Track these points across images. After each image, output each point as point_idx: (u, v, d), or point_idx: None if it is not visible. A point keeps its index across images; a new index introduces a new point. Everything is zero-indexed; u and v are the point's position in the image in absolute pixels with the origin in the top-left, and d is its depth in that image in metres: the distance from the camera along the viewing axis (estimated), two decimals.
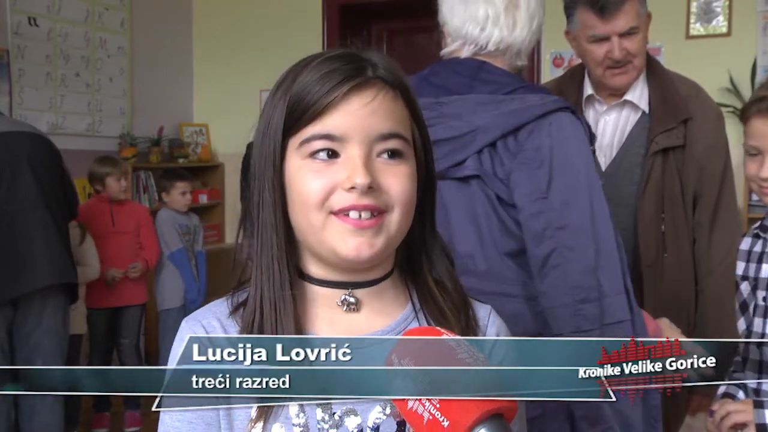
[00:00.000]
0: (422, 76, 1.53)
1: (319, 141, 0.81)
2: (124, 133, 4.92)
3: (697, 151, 1.87)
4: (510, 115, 1.39)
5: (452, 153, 1.41)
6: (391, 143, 0.83)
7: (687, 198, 1.89)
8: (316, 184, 0.81)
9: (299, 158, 0.82)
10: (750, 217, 4.22)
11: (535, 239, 1.38)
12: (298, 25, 5.27)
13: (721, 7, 4.40)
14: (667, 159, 1.88)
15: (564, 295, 1.36)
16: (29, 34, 4.29)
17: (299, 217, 0.83)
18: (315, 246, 0.84)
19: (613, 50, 1.86)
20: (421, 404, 0.61)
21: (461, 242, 1.41)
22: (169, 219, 4.12)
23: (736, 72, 4.32)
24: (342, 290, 0.86)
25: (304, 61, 0.85)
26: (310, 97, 0.81)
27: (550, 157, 1.38)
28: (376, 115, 0.81)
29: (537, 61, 4.67)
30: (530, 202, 1.37)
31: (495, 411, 0.59)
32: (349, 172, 0.80)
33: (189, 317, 0.88)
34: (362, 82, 0.81)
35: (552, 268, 1.37)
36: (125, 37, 4.99)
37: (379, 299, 0.88)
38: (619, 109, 1.97)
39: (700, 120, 1.88)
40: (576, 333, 1.36)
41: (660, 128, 1.87)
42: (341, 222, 0.81)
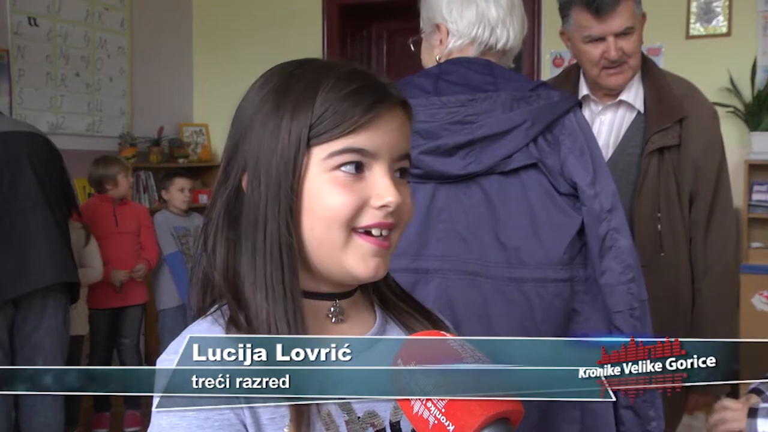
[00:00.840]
0: (434, 75, 1.53)
1: (352, 154, 0.80)
2: (124, 133, 4.91)
3: (693, 150, 1.88)
4: (546, 109, 1.45)
5: (499, 148, 1.45)
6: (405, 162, 0.85)
7: (683, 197, 1.90)
8: (345, 200, 0.80)
9: (323, 170, 0.80)
10: (750, 217, 4.22)
11: (597, 220, 1.45)
12: (298, 25, 5.27)
13: (721, 7, 4.40)
14: (663, 158, 1.89)
15: (620, 273, 1.44)
16: (29, 34, 4.29)
17: (317, 231, 0.81)
18: (327, 263, 0.82)
19: (609, 50, 1.87)
20: (426, 409, 0.61)
21: (512, 236, 1.44)
22: (165, 222, 4.13)
23: (736, 72, 4.32)
24: (329, 302, 0.86)
25: (316, 70, 0.83)
26: (345, 111, 0.80)
27: (587, 147, 1.46)
28: (401, 136, 0.84)
29: (537, 61, 4.67)
30: (588, 186, 1.45)
31: (500, 415, 0.59)
32: (380, 191, 0.80)
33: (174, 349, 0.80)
34: (394, 103, 0.83)
35: (608, 249, 1.44)
36: (125, 37, 4.99)
37: (356, 308, 0.89)
38: (614, 109, 1.98)
39: (695, 119, 1.89)
40: (629, 310, 1.44)
41: (655, 128, 1.88)
42: (363, 242, 0.81)
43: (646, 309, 1.46)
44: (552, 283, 1.43)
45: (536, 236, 1.44)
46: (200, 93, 5.64)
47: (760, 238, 4.31)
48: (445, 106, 1.47)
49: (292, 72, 0.85)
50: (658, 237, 1.89)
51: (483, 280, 1.44)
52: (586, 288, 1.47)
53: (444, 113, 1.46)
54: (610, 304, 1.44)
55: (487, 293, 1.44)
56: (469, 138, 1.44)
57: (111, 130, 4.86)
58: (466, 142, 1.44)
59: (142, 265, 3.90)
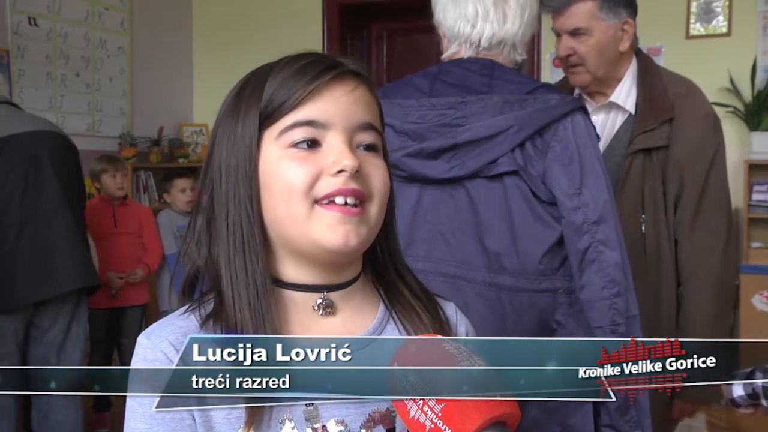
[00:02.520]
0: (432, 74, 1.53)
1: (301, 128, 0.79)
2: (124, 133, 4.91)
3: (679, 151, 1.86)
4: (536, 114, 1.42)
5: (484, 152, 1.43)
6: (370, 135, 0.82)
7: (669, 199, 1.87)
8: (300, 171, 0.78)
9: (278, 149, 0.80)
10: (750, 217, 4.21)
11: (576, 233, 1.41)
12: (298, 25, 5.27)
13: (721, 7, 4.40)
14: (650, 159, 1.86)
15: (601, 289, 1.40)
16: (29, 34, 4.29)
17: (280, 209, 0.79)
18: (297, 239, 0.80)
19: (558, 47, 1.88)
20: (422, 413, 0.61)
21: (493, 241, 1.43)
22: (167, 222, 4.11)
23: (736, 72, 4.32)
24: (316, 294, 0.83)
25: (269, 64, 0.85)
26: (290, 86, 0.80)
27: (578, 154, 1.42)
28: (358, 105, 0.81)
29: (537, 61, 4.67)
30: (569, 197, 1.41)
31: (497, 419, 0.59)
32: (335, 157, 0.78)
33: (148, 332, 0.82)
34: (343, 71, 0.81)
35: (590, 263, 1.41)
36: (125, 37, 4.99)
37: (352, 302, 0.86)
38: (606, 110, 1.97)
39: (685, 120, 1.86)
40: (611, 326, 1.40)
41: (641, 128, 1.86)
42: (327, 211, 0.78)
43: (634, 324, 1.42)
44: (526, 293, 1.41)
45: (514, 244, 1.43)
46: (200, 93, 5.64)
47: (760, 238, 4.31)
48: (434, 108, 1.46)
49: (254, 71, 0.86)
50: (642, 238, 1.86)
51: (464, 284, 1.44)
52: (571, 300, 1.44)
53: (433, 115, 1.45)
54: (590, 319, 1.41)
55: (467, 297, 1.43)
56: (452, 142, 1.43)
57: (111, 130, 4.86)
58: (449, 146, 1.43)
59: (140, 269, 3.88)
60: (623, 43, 1.90)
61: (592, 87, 1.94)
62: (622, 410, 1.42)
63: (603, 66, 1.89)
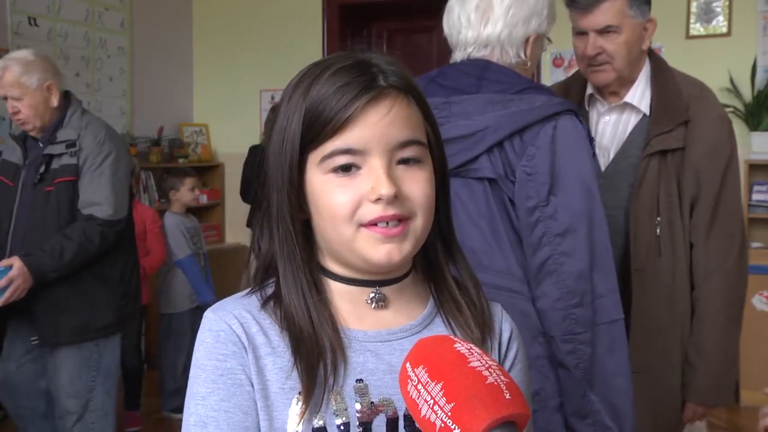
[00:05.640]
0: (430, 77, 1.56)
1: (340, 156, 0.81)
2: (124, 133, 4.91)
3: (695, 153, 1.84)
4: (518, 114, 1.41)
5: (462, 152, 1.43)
6: (410, 151, 0.84)
7: (684, 201, 1.86)
8: (342, 199, 0.82)
9: (321, 173, 0.83)
10: (750, 217, 4.22)
11: (531, 247, 1.41)
12: (298, 25, 5.27)
13: (721, 7, 4.40)
14: (665, 161, 1.85)
15: (557, 300, 1.39)
16: (29, 34, 4.29)
17: (329, 231, 0.84)
18: (345, 255, 0.85)
19: (587, 46, 1.87)
20: (433, 412, 0.61)
21: (469, 238, 1.43)
22: (177, 224, 4.05)
23: (736, 72, 4.32)
24: (368, 288, 0.88)
25: (314, 71, 0.85)
26: (327, 112, 0.81)
27: (551, 162, 1.39)
28: (394, 125, 0.82)
29: None
30: (527, 212, 1.40)
31: (506, 419, 0.59)
32: (373, 184, 0.81)
33: (215, 308, 0.87)
34: (378, 93, 0.82)
35: (547, 274, 1.40)
36: (125, 37, 4.99)
37: (403, 296, 0.90)
38: (619, 111, 1.96)
39: (700, 122, 1.86)
40: (564, 336, 1.39)
41: (657, 130, 1.85)
42: (370, 232, 0.82)
43: (601, 333, 1.40)
44: (507, 292, 1.41)
45: (493, 243, 1.43)
46: (200, 93, 5.64)
47: (760, 238, 4.32)
48: None
49: (301, 78, 0.87)
50: (657, 241, 1.85)
51: None
52: None
53: None
54: (545, 328, 1.41)
55: None
56: None
57: None
58: None
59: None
60: (645, 41, 1.90)
61: (613, 86, 1.93)
62: (580, 414, 1.42)
63: (629, 64, 1.89)
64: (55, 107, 2.61)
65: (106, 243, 2.57)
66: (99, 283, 2.63)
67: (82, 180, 2.55)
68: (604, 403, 1.41)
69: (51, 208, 2.53)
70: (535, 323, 1.42)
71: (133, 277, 2.78)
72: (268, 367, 0.82)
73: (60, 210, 2.54)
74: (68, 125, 2.60)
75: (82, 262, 2.53)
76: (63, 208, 2.54)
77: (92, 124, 2.63)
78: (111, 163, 2.59)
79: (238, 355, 0.82)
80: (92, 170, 2.55)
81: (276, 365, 0.82)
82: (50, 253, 2.45)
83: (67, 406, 2.60)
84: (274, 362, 0.82)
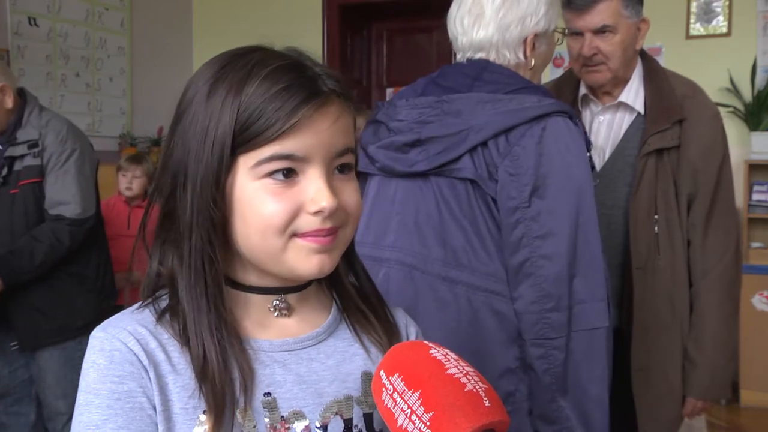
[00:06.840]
0: (431, 78, 1.57)
1: (279, 161, 0.76)
2: (124, 133, 4.92)
3: (692, 152, 1.86)
4: (505, 114, 1.39)
5: (446, 150, 1.43)
6: (346, 158, 0.80)
7: (681, 199, 1.87)
8: (276, 208, 0.76)
9: (253, 178, 0.76)
10: (750, 217, 4.21)
11: (510, 247, 1.39)
12: (298, 25, 5.26)
13: (721, 7, 4.39)
14: (662, 160, 1.86)
15: (532, 303, 1.37)
16: (29, 34, 4.29)
17: (254, 239, 0.77)
18: (268, 265, 0.80)
19: (583, 47, 1.87)
20: (411, 422, 0.60)
21: (450, 236, 1.43)
22: None
23: (736, 72, 4.31)
24: (271, 295, 0.83)
25: (240, 66, 0.79)
26: (269, 115, 0.75)
27: (536, 164, 1.37)
28: (339, 134, 0.78)
29: None
30: (508, 212, 1.38)
31: (486, 427, 0.58)
32: (313, 195, 0.76)
33: (104, 326, 0.79)
34: (325, 100, 0.77)
35: (525, 276, 1.38)
36: (125, 37, 4.99)
37: (306, 304, 0.86)
38: (614, 110, 1.97)
39: (695, 121, 1.87)
40: (539, 340, 1.37)
41: (653, 129, 1.86)
42: (304, 242, 0.77)
43: (579, 340, 1.37)
44: (483, 292, 1.40)
45: (473, 242, 1.42)
46: None
47: (760, 238, 4.31)
48: (416, 107, 1.49)
49: (232, 59, 0.81)
50: (655, 239, 1.86)
51: (418, 274, 1.45)
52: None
53: (415, 113, 1.49)
54: (521, 330, 1.39)
55: (419, 287, 1.44)
56: (416, 137, 1.45)
57: (111, 130, 4.87)
58: (412, 141, 1.46)
59: (138, 273, 3.87)
60: (639, 41, 1.91)
61: (607, 86, 1.94)
62: (547, 419, 1.40)
63: (624, 64, 1.90)
64: (10, 108, 2.53)
65: (75, 242, 2.54)
66: (75, 282, 2.61)
67: (47, 179, 2.51)
68: (577, 410, 1.38)
69: (17, 210, 2.50)
70: (513, 324, 1.40)
71: (107, 273, 2.76)
72: (170, 386, 0.76)
73: (27, 212, 2.50)
74: (27, 124, 2.54)
75: (53, 264, 2.51)
76: (30, 210, 2.51)
77: (53, 122, 2.57)
78: (75, 160, 2.55)
79: (136, 376, 0.75)
80: (57, 169, 2.51)
81: (177, 384, 0.76)
82: (20, 257, 2.43)
83: (56, 407, 2.59)
84: (175, 380, 0.76)
